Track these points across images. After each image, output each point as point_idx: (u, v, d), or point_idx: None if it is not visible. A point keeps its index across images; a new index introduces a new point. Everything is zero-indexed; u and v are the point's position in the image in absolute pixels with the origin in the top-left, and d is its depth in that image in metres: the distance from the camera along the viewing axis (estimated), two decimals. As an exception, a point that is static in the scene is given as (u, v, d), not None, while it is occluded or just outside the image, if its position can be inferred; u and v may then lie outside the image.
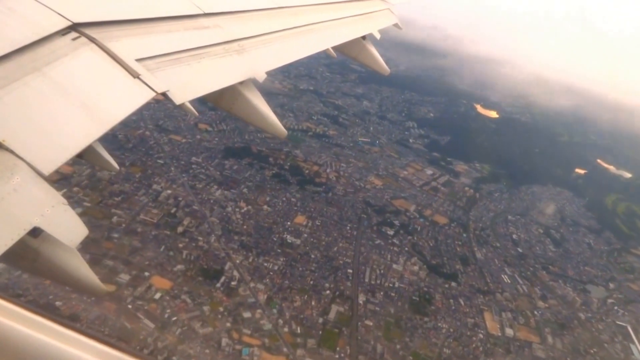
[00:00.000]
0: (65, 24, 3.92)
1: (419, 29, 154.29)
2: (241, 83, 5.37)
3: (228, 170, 59.44)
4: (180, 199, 51.15)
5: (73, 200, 45.74)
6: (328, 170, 65.78)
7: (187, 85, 4.54)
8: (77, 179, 49.11)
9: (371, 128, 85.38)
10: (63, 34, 3.87)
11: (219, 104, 5.59)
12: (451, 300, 47.47)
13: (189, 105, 4.33)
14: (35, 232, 2.93)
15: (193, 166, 58.33)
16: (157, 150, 59.56)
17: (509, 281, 52.63)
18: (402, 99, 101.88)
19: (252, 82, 5.52)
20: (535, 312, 48.83)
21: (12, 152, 2.81)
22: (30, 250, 3.08)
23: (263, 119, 5.70)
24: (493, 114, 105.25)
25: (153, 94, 4.06)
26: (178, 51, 4.76)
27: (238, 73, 5.30)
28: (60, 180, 48.03)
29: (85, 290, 3.57)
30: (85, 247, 40.33)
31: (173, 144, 62.28)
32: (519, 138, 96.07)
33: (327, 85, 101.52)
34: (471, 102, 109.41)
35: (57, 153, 3.09)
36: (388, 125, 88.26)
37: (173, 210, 48.87)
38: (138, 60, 4.20)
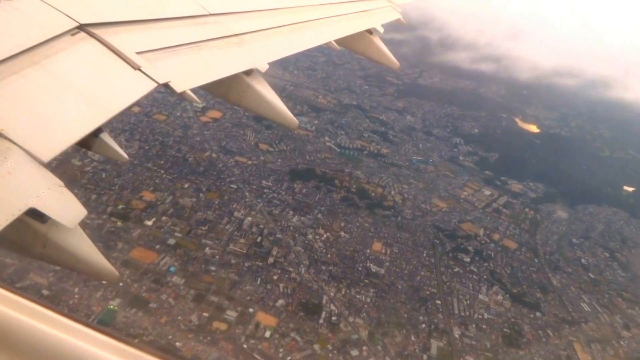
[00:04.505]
0: (72, 24, 3.96)
1: (439, 38, 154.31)
2: (248, 74, 5.37)
3: (299, 195, 59.32)
4: (262, 226, 51.08)
5: (164, 231, 45.73)
6: (392, 193, 65.64)
7: (187, 74, 4.61)
8: (163, 207, 49.08)
9: (420, 145, 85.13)
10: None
11: (228, 98, 5.60)
12: (540, 332, 47.34)
13: (190, 93, 4.36)
14: (44, 218, 2.97)
15: (265, 190, 58.25)
16: (227, 174, 59.49)
17: (589, 309, 52.45)
18: (444, 114, 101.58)
19: (259, 73, 5.50)
20: (622, 343, 48.69)
21: (9, 140, 2.87)
22: (39, 235, 3.12)
23: (273, 110, 5.68)
24: (534, 129, 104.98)
25: (154, 85, 4.10)
26: (178, 45, 4.83)
27: (238, 63, 5.34)
28: (147, 208, 48.26)
29: (97, 275, 3.54)
30: (188, 282, 40.59)
31: (240, 166, 62.17)
32: (563, 154, 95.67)
33: (368, 99, 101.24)
34: (511, 115, 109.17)
35: (56, 141, 3.13)
36: (435, 141, 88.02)
37: (258, 239, 48.81)
38: (138, 53, 4.25)
